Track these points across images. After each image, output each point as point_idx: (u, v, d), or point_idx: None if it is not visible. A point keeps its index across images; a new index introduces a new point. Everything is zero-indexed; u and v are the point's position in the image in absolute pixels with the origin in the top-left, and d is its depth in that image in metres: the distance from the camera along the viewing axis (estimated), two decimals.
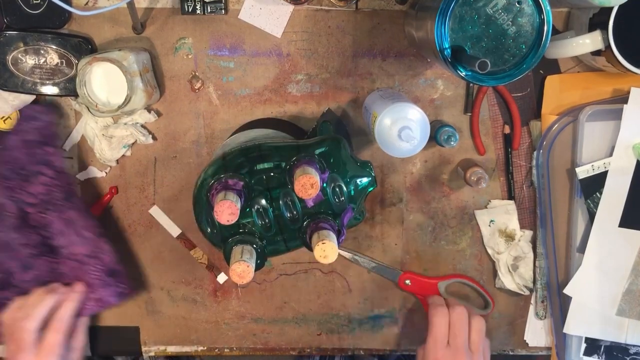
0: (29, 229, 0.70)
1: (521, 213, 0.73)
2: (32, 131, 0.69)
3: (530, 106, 0.71)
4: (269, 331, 0.78)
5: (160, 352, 0.79)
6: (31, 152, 0.69)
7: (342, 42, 0.69)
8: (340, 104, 0.71)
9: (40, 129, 0.69)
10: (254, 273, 0.56)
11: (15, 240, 0.70)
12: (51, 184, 0.69)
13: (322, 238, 0.56)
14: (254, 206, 0.59)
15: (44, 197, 0.69)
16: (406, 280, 0.75)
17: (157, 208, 0.74)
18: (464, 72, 0.52)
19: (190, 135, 0.72)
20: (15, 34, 0.66)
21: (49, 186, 0.69)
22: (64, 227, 0.70)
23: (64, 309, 0.69)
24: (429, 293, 0.75)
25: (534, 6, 0.51)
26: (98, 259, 0.71)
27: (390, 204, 0.74)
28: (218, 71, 0.70)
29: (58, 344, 0.67)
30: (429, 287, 0.75)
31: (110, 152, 0.70)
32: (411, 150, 0.60)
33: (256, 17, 0.68)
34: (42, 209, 0.70)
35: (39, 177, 0.69)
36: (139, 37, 0.69)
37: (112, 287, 0.72)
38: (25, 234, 0.70)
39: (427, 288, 0.75)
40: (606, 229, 0.69)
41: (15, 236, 0.70)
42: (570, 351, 0.73)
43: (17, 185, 0.69)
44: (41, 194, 0.69)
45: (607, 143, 0.68)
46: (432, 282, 0.75)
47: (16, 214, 0.69)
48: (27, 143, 0.69)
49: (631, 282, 0.70)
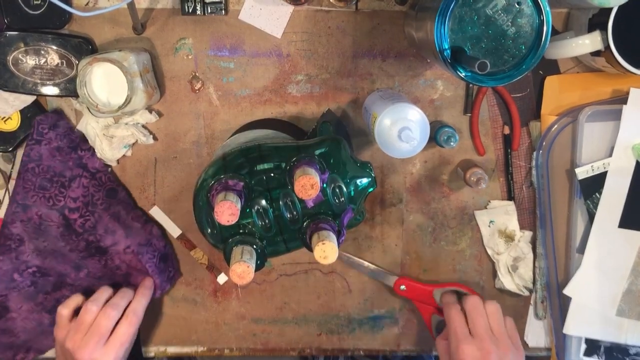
0: (75, 236, 0.71)
1: (521, 213, 0.73)
2: (59, 138, 0.69)
3: (530, 107, 0.71)
4: (269, 331, 0.78)
5: (160, 352, 0.79)
6: (65, 159, 0.69)
7: (342, 43, 0.69)
8: (340, 105, 0.71)
9: (65, 134, 0.69)
10: (254, 274, 0.56)
11: (63, 248, 0.71)
12: (89, 184, 0.70)
13: (322, 238, 0.56)
14: (254, 207, 0.59)
15: (85, 200, 0.70)
16: (401, 286, 0.75)
17: (157, 208, 0.74)
18: (463, 72, 0.52)
19: (191, 135, 0.72)
20: (16, 34, 0.66)
21: (87, 187, 0.70)
22: (111, 225, 0.70)
23: (139, 303, 0.70)
24: (424, 300, 0.75)
25: (533, 7, 0.51)
26: (151, 246, 0.71)
27: (390, 204, 0.74)
28: (218, 72, 0.70)
29: (130, 336, 0.68)
30: (424, 294, 0.75)
31: (110, 152, 0.70)
32: (411, 151, 0.60)
33: (256, 18, 0.68)
34: (85, 212, 0.70)
35: (76, 181, 0.70)
36: (139, 38, 0.69)
37: (165, 273, 0.73)
38: (72, 241, 0.71)
39: (422, 294, 0.75)
40: (606, 230, 0.69)
41: (62, 244, 0.71)
42: (570, 352, 0.73)
43: (57, 193, 0.69)
44: (82, 197, 0.70)
45: (607, 143, 0.68)
46: (427, 288, 0.75)
47: (59, 222, 0.70)
48: (59, 150, 0.69)
49: (631, 282, 0.70)
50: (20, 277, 0.72)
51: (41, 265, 0.72)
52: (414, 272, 0.76)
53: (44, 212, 0.70)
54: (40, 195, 0.69)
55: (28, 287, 0.73)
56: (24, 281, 0.72)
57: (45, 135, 0.69)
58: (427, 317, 0.76)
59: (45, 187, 0.69)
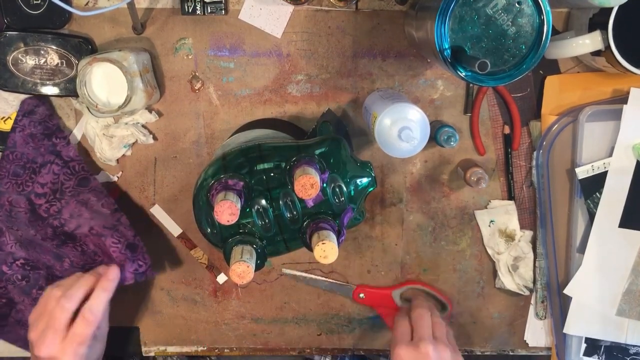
0: (40, 222, 0.70)
1: (521, 213, 0.73)
2: (33, 125, 0.69)
3: (530, 106, 0.71)
4: (269, 331, 0.78)
5: (160, 352, 0.79)
6: (38, 145, 0.69)
7: (342, 43, 0.69)
8: (340, 104, 0.71)
9: (41, 121, 0.69)
10: (254, 273, 0.56)
11: (35, 237, 0.70)
12: (60, 172, 0.70)
13: (322, 238, 0.56)
14: (254, 206, 0.59)
15: (53, 187, 0.69)
16: (360, 294, 0.75)
17: (158, 208, 0.74)
18: (463, 72, 0.52)
19: (191, 135, 0.72)
20: (16, 34, 0.66)
21: (57, 175, 0.69)
22: (77, 209, 0.69)
23: (98, 299, 0.63)
24: (384, 304, 0.75)
25: (533, 6, 0.51)
26: (117, 232, 0.69)
27: (390, 204, 0.74)
28: (218, 71, 0.70)
29: (88, 336, 0.62)
30: (383, 297, 0.75)
31: (110, 152, 0.70)
32: (411, 151, 0.60)
33: (256, 18, 0.68)
34: (52, 198, 0.69)
35: (47, 167, 0.69)
36: (139, 38, 0.69)
37: (133, 263, 0.69)
38: (39, 228, 0.70)
39: (381, 298, 0.75)
40: (606, 229, 0.69)
41: (32, 232, 0.70)
42: (570, 351, 0.73)
43: (27, 179, 0.69)
44: (50, 183, 0.69)
45: (607, 143, 0.68)
46: (385, 292, 0.75)
47: (26, 207, 0.70)
48: (32, 137, 0.69)
49: (631, 282, 0.70)
50: (10, 270, 0.72)
51: (27, 258, 0.72)
52: (414, 272, 0.76)
53: (13, 197, 0.69)
54: (13, 182, 0.69)
55: (20, 282, 0.73)
56: (15, 274, 0.72)
57: (19, 122, 0.69)
58: (390, 320, 0.76)
59: (18, 174, 0.69)
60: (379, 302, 0.75)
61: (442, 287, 0.76)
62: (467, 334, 0.78)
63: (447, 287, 0.76)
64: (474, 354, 0.79)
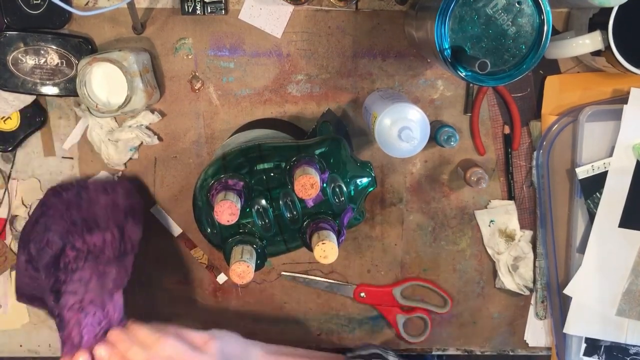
0: (53, 269, 0.64)
1: (521, 213, 0.73)
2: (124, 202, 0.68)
3: (530, 106, 0.71)
4: (269, 331, 0.78)
5: None
6: (112, 216, 0.67)
7: (342, 43, 0.69)
8: (340, 104, 0.71)
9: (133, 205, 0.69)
10: (254, 273, 0.56)
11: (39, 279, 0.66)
12: (109, 243, 0.66)
13: (322, 238, 0.56)
14: (254, 206, 0.59)
15: (92, 249, 0.66)
16: (361, 293, 0.75)
17: (158, 207, 0.74)
18: (463, 72, 0.52)
19: (191, 135, 0.72)
20: (16, 34, 0.66)
21: (104, 242, 0.66)
22: (87, 276, 0.64)
23: None
24: (385, 302, 0.75)
25: (533, 6, 0.51)
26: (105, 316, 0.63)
27: (390, 204, 0.74)
28: (218, 71, 0.70)
29: None
30: (384, 295, 0.75)
31: (117, 156, 0.70)
32: (411, 151, 0.60)
33: (256, 18, 0.68)
34: (81, 256, 0.65)
35: (102, 233, 0.66)
36: (139, 38, 0.69)
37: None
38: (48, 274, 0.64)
39: (382, 296, 0.75)
40: (606, 229, 0.69)
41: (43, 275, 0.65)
42: (570, 351, 0.73)
43: (77, 231, 0.66)
44: (92, 245, 0.66)
45: (607, 143, 0.68)
46: (385, 290, 0.75)
47: (55, 251, 0.65)
48: (114, 207, 0.68)
49: (631, 282, 0.70)
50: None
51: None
52: (414, 272, 0.76)
53: (53, 238, 0.65)
54: (66, 227, 0.66)
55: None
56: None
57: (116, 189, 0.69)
58: (392, 318, 0.76)
59: (75, 223, 0.66)
60: (381, 301, 0.75)
61: (442, 287, 0.76)
62: (467, 334, 0.78)
63: (447, 287, 0.76)
64: (474, 354, 0.79)
